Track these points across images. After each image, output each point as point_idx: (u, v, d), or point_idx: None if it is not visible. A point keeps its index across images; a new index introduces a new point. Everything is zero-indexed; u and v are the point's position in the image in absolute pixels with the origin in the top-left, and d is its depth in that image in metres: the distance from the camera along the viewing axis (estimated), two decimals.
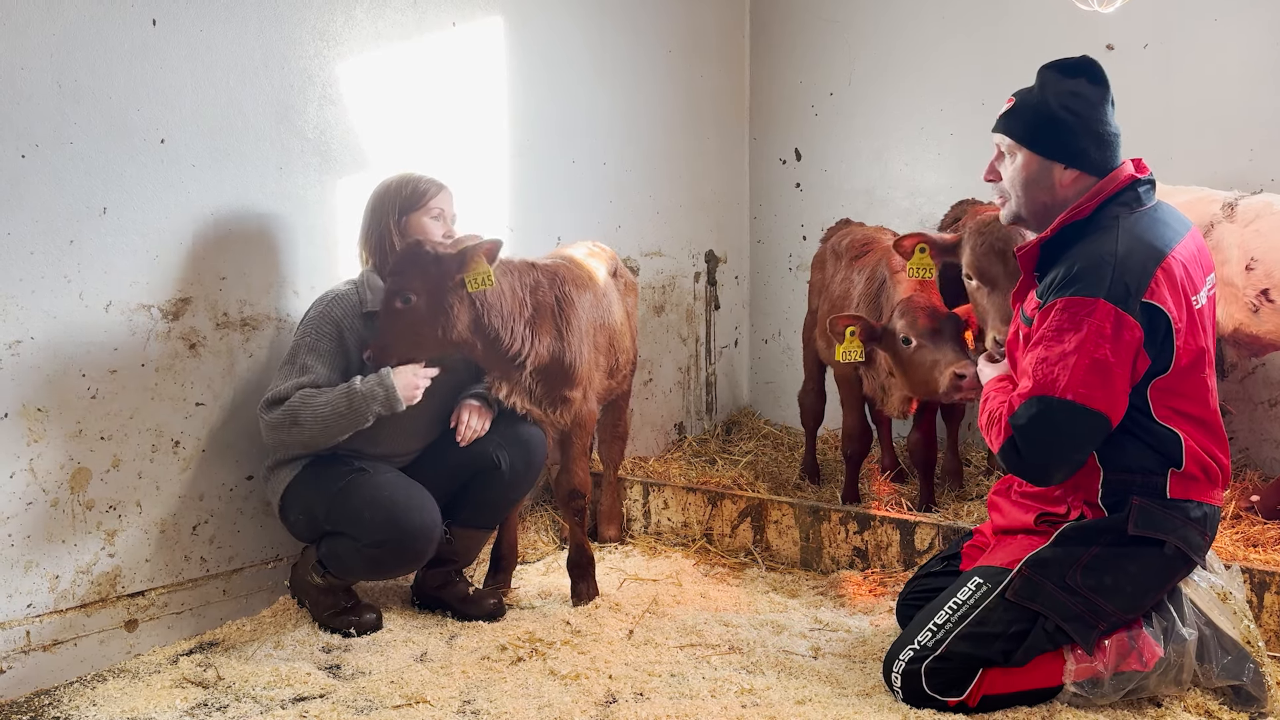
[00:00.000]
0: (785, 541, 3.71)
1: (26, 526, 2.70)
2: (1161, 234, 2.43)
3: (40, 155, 2.67)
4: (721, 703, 2.52)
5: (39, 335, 2.70)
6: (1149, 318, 2.34)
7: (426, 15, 3.60)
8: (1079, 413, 2.34)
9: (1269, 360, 3.87)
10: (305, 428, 2.86)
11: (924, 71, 4.68)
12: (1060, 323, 2.37)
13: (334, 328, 2.95)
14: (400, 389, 2.86)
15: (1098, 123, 2.49)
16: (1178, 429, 2.42)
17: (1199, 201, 3.45)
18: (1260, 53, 3.89)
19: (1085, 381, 2.32)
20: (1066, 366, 2.33)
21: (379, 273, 3.05)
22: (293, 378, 2.90)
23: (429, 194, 3.09)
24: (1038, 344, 2.41)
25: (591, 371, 3.30)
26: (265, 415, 2.90)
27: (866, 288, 3.70)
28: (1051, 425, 2.36)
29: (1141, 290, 2.34)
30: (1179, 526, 2.43)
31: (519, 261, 3.15)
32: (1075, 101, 2.48)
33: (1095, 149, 2.49)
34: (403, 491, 2.94)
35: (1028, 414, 2.38)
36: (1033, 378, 2.39)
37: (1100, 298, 2.32)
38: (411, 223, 3.06)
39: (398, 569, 3.06)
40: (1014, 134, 2.54)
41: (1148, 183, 2.51)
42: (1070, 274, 2.39)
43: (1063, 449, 2.39)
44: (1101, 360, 2.32)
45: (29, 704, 2.62)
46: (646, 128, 4.64)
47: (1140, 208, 2.47)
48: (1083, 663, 2.43)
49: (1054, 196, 2.53)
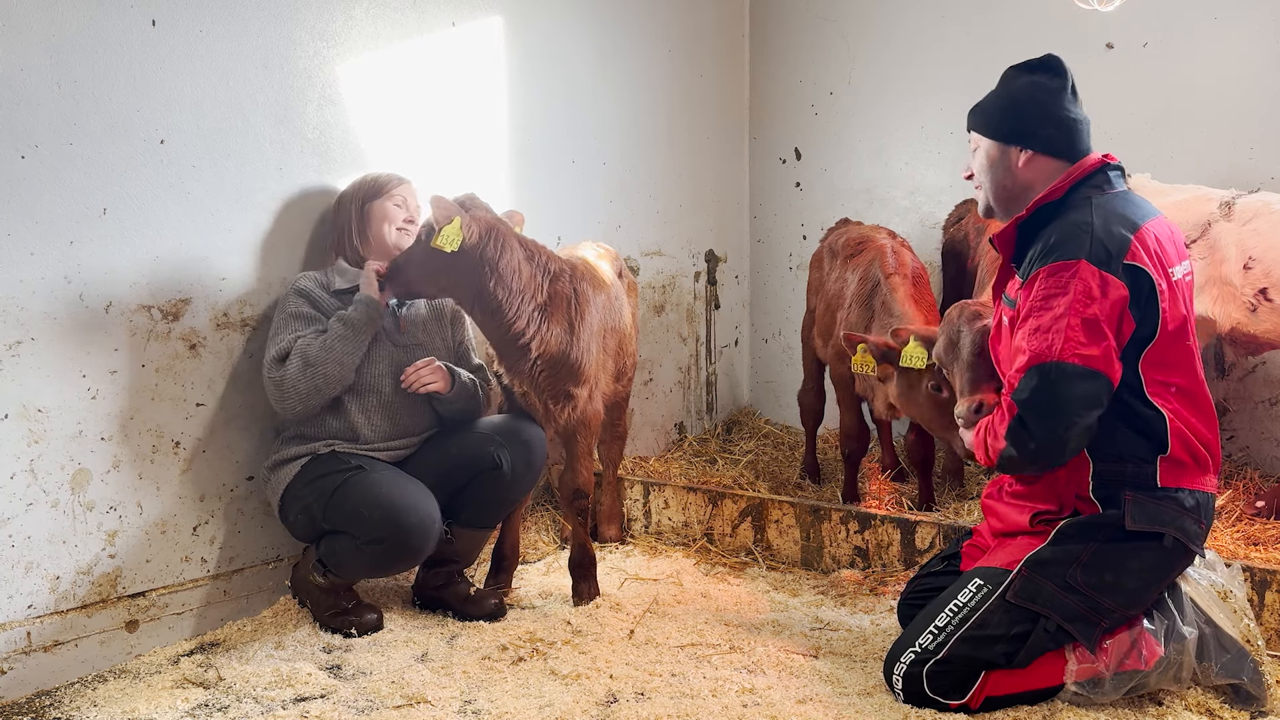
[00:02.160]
0: (786, 541, 3.71)
1: (27, 527, 2.70)
2: (1134, 210, 2.50)
3: (40, 156, 2.67)
4: (722, 702, 2.53)
5: (39, 336, 2.70)
6: (1132, 278, 2.38)
7: (426, 15, 3.60)
8: (1081, 374, 2.34)
9: (1269, 359, 3.87)
10: (318, 365, 2.95)
11: (924, 71, 4.68)
12: (1047, 289, 2.40)
13: (303, 297, 3.06)
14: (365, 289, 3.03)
15: (1056, 108, 2.57)
16: (1165, 408, 2.43)
17: (1196, 200, 3.44)
18: (1260, 50, 3.89)
19: (1079, 341, 2.34)
20: (1060, 330, 2.35)
21: (345, 260, 3.18)
22: (282, 338, 3.00)
23: (390, 184, 3.20)
24: (1027, 317, 2.44)
25: (599, 372, 3.30)
26: (274, 373, 2.96)
27: (860, 288, 3.71)
28: (1055, 391, 2.34)
29: (1122, 253, 2.39)
30: (1176, 517, 2.43)
31: (546, 248, 3.18)
32: (1031, 89, 2.59)
33: (1055, 132, 2.56)
34: (400, 489, 2.94)
35: (1029, 385, 2.38)
36: (1028, 349, 2.40)
37: (1082, 258, 2.37)
38: (373, 209, 3.17)
39: (396, 566, 3.06)
40: (974, 125, 2.69)
41: (1117, 168, 2.59)
42: (1049, 244, 2.44)
43: (1070, 415, 2.35)
44: (1092, 319, 2.34)
45: (30, 705, 2.62)
46: (647, 127, 4.64)
47: (1111, 190, 2.54)
48: (1084, 662, 2.43)
49: (1014, 180, 2.61)
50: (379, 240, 3.16)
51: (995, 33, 4.45)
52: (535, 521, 3.97)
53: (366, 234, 3.17)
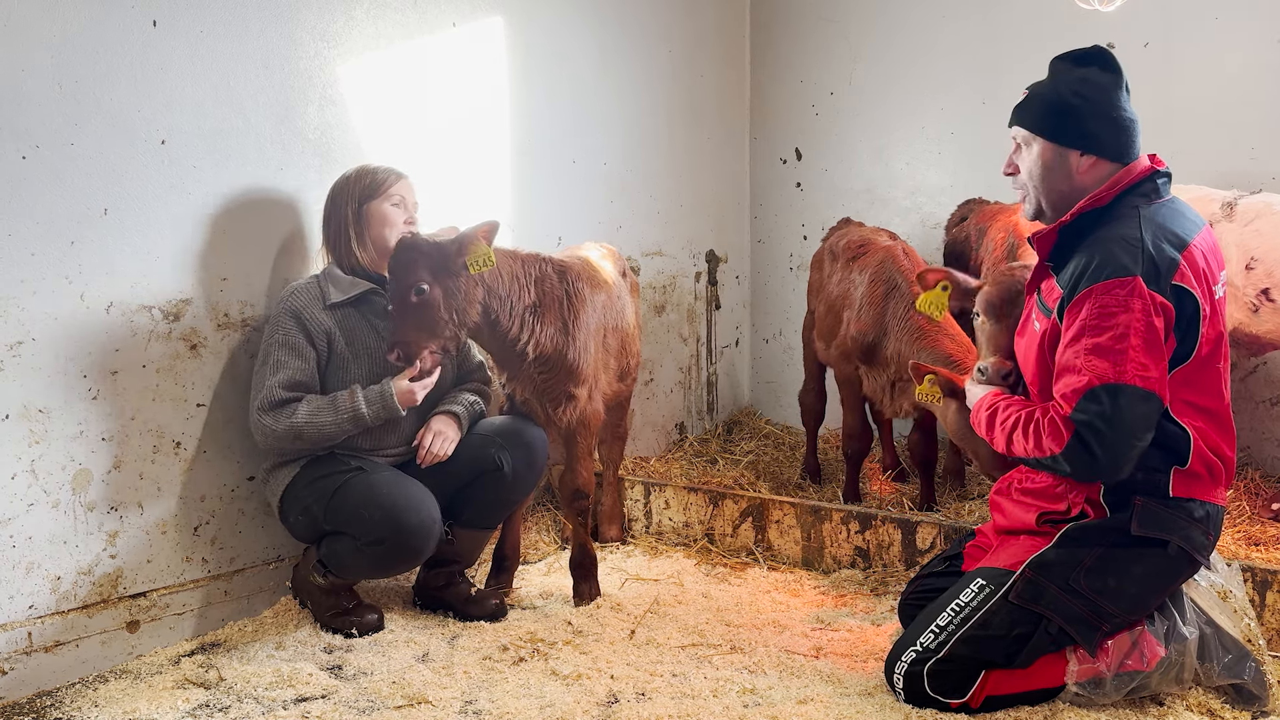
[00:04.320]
0: (787, 541, 3.71)
1: (28, 528, 2.70)
2: (1182, 224, 2.43)
3: (41, 156, 2.67)
4: (723, 702, 2.52)
5: (40, 336, 2.70)
6: (1178, 299, 2.33)
7: (427, 15, 3.60)
8: (1142, 397, 2.28)
9: (1270, 359, 3.87)
10: (307, 440, 2.94)
11: (925, 70, 4.68)
12: (1104, 306, 2.31)
13: (294, 320, 2.97)
14: (399, 399, 2.95)
15: (1111, 107, 2.47)
16: (1189, 425, 2.39)
17: (1198, 201, 3.44)
18: (1261, 50, 3.88)
19: (1144, 364, 2.28)
20: (1123, 351, 2.28)
21: (340, 266, 3.07)
22: (269, 376, 2.93)
23: (387, 182, 3.08)
24: (1080, 335, 2.34)
25: (598, 371, 3.30)
26: (263, 420, 2.91)
27: (872, 289, 3.69)
28: (1121, 415, 2.27)
29: (1171, 273, 2.32)
30: (1183, 526, 2.42)
31: (526, 252, 3.17)
32: (1086, 87, 2.47)
33: (1109, 134, 2.47)
34: (400, 489, 2.94)
35: (1093, 409, 2.29)
36: (1086, 369, 2.31)
37: (1137, 276, 2.30)
38: (371, 211, 3.06)
39: (397, 567, 3.05)
40: (1027, 124, 2.53)
41: (1165, 175, 2.51)
42: (1099, 260, 2.35)
43: (1133, 438, 2.30)
44: (1153, 340, 2.29)
45: (31, 705, 2.62)
46: (647, 128, 4.64)
47: (1159, 199, 2.47)
48: (1085, 663, 2.43)
49: (1072, 184, 2.51)
50: (380, 246, 3.07)
51: (996, 33, 4.45)
52: (536, 522, 3.97)
53: (365, 239, 3.07)
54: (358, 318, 3.05)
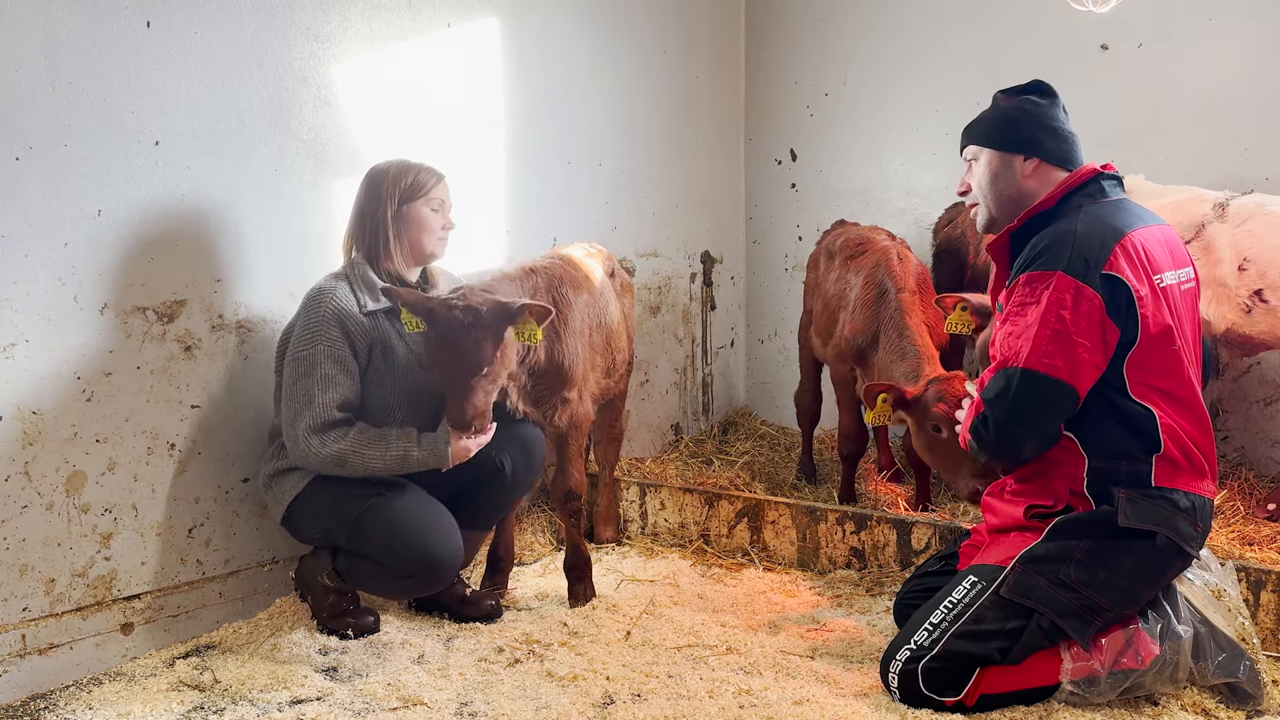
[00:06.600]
0: (782, 542, 3.71)
1: (21, 530, 2.69)
2: (1123, 218, 2.53)
3: (34, 157, 2.67)
4: (719, 703, 2.53)
5: (33, 338, 2.69)
6: (1109, 288, 2.42)
7: (421, 16, 3.60)
8: (1043, 382, 2.42)
9: (1263, 359, 3.88)
10: (347, 470, 2.85)
11: (919, 72, 4.69)
12: (1023, 297, 2.49)
13: (339, 329, 2.87)
14: (453, 456, 2.89)
15: (1050, 119, 2.65)
16: (1152, 405, 2.46)
17: (1190, 201, 3.45)
18: (1254, 51, 3.90)
19: (1047, 351, 2.41)
20: (1028, 338, 2.44)
21: (371, 263, 2.98)
22: (320, 393, 2.82)
23: (429, 185, 3.04)
24: (1004, 321, 2.53)
25: (587, 372, 3.30)
26: (310, 441, 2.79)
27: (865, 293, 3.71)
28: (1017, 395, 2.45)
29: (1101, 263, 2.43)
30: (1169, 517, 2.45)
31: (516, 270, 3.13)
32: (1026, 103, 2.68)
33: (1050, 140, 2.62)
34: (429, 517, 2.92)
35: (996, 388, 2.50)
36: (999, 353, 2.50)
37: (1059, 270, 2.43)
38: (411, 213, 3.00)
39: (420, 593, 3.10)
40: (975, 138, 2.72)
41: (1113, 178, 2.63)
42: (1033, 253, 2.51)
43: (1029, 419, 2.47)
44: (1061, 330, 2.41)
45: (25, 708, 2.61)
46: (642, 129, 4.64)
47: (1104, 199, 2.57)
48: (1079, 661, 2.44)
49: (1019, 189, 2.65)
50: (416, 250, 3.02)
51: (990, 33, 4.46)
52: (531, 523, 3.97)
53: (402, 239, 2.99)
54: (388, 327, 2.99)
